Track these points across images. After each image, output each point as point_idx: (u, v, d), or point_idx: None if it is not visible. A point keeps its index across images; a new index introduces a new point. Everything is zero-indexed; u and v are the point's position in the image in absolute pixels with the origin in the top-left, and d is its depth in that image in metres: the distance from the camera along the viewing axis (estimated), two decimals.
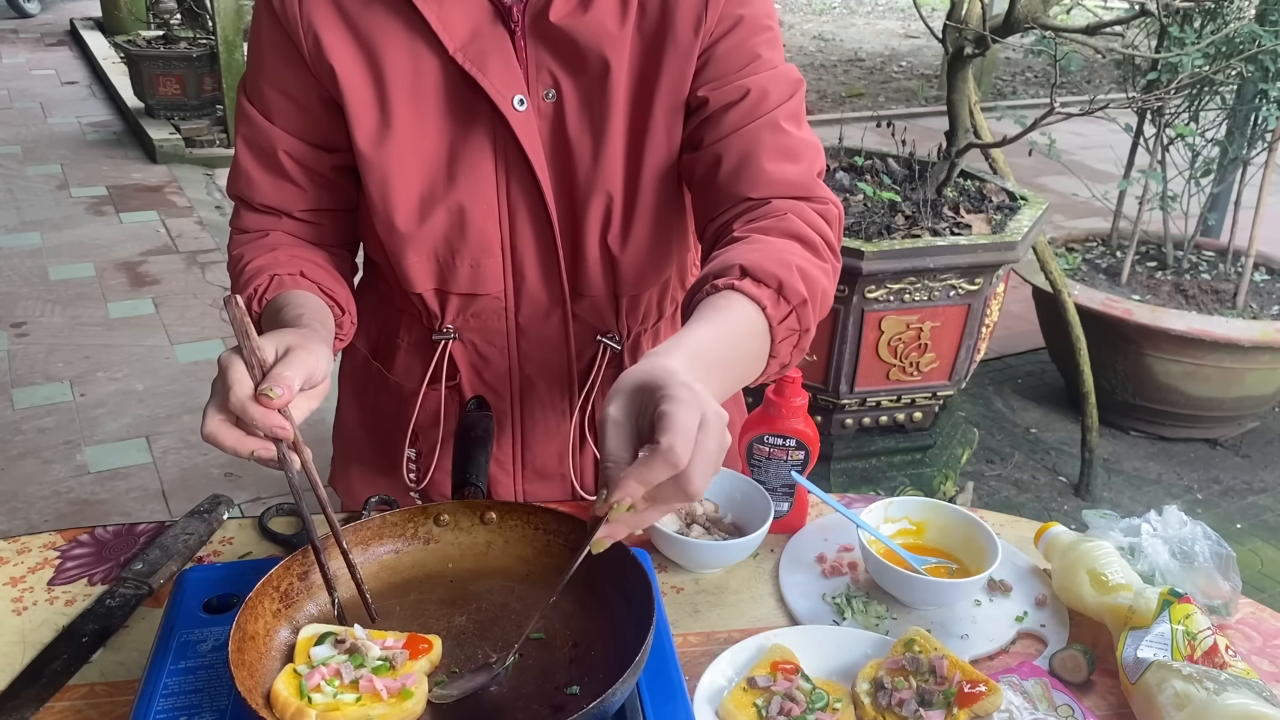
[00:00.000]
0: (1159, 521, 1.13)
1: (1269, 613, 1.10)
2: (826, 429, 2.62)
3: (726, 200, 1.04)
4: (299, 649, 0.83)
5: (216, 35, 6.02)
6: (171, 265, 4.62)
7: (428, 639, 0.85)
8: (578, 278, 1.12)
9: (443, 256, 1.09)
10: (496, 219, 1.08)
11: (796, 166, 1.04)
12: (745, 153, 1.02)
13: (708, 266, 0.96)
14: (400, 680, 0.80)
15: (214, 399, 0.83)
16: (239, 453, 0.82)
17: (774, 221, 1.00)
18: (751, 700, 0.91)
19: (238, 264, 1.10)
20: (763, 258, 0.93)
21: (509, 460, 1.22)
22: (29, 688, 0.91)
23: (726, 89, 1.03)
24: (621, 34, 1.02)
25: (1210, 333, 3.27)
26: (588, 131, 1.05)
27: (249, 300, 1.03)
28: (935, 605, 1.07)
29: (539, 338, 1.15)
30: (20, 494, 2.98)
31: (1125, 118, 3.54)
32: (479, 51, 1.01)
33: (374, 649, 0.82)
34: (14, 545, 1.11)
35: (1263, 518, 3.22)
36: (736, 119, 1.03)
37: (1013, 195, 2.83)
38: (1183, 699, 0.89)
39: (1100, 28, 2.73)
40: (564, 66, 1.03)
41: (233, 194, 1.14)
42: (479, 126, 1.04)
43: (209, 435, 0.82)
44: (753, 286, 0.91)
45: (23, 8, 10.09)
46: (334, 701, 0.78)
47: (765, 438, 1.16)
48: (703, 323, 0.87)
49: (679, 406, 0.71)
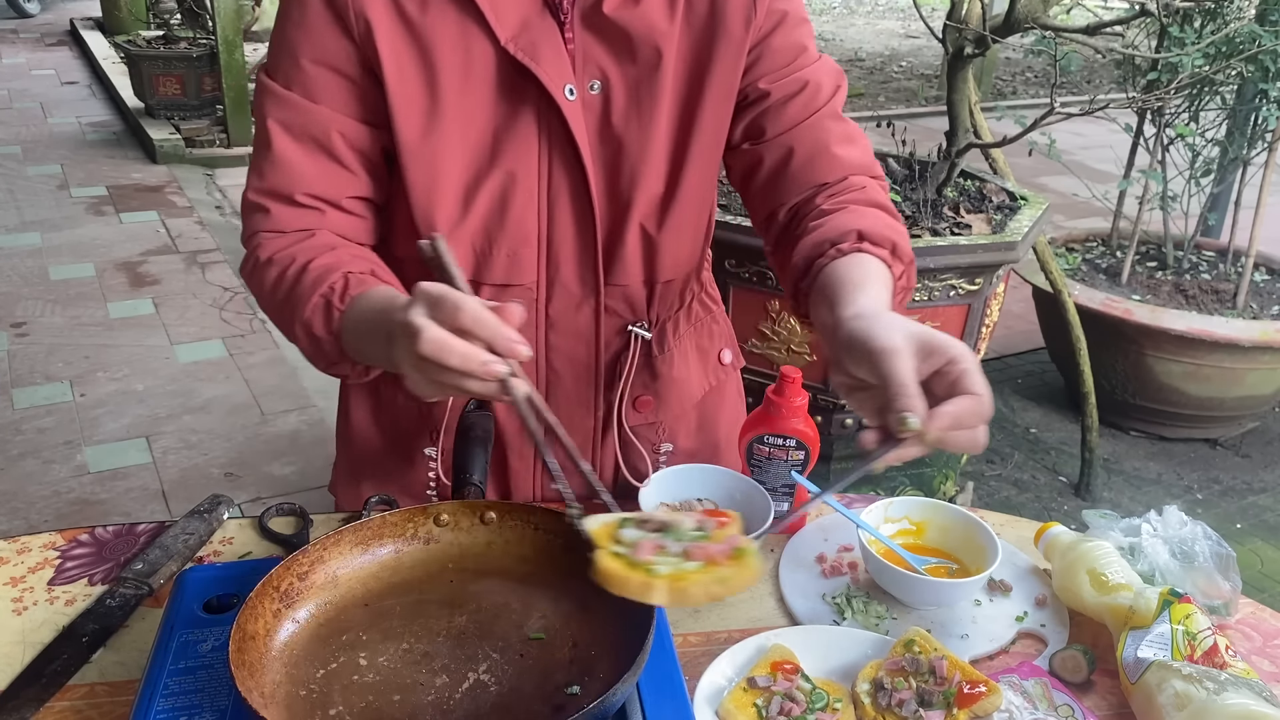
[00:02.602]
0: (1159, 521, 1.13)
1: (1269, 613, 1.10)
2: (826, 429, 2.62)
3: (802, 186, 1.10)
4: (600, 537, 0.78)
5: (216, 35, 6.02)
6: (171, 265, 4.62)
7: (725, 513, 0.81)
8: (613, 267, 1.13)
9: (480, 246, 1.09)
10: (536, 209, 1.08)
11: (859, 149, 1.12)
12: (817, 142, 1.10)
13: (819, 233, 1.02)
14: (726, 544, 0.76)
15: (422, 314, 0.79)
16: (467, 366, 0.78)
17: (857, 194, 1.07)
18: (751, 700, 0.91)
19: (290, 268, 1.01)
20: (873, 223, 1.00)
21: (529, 455, 1.21)
22: (29, 688, 0.91)
23: (785, 81, 1.09)
24: (671, 27, 1.05)
25: (1210, 333, 3.27)
26: (635, 122, 1.07)
27: (326, 301, 0.97)
28: (935, 605, 1.07)
29: (568, 329, 1.15)
30: (20, 494, 2.98)
31: (1125, 118, 3.54)
32: (530, 42, 1.02)
33: (687, 520, 0.78)
34: (14, 545, 1.11)
35: (1263, 518, 3.22)
36: (798, 110, 1.09)
37: (1013, 195, 2.83)
38: (1183, 699, 0.89)
39: (1100, 28, 2.73)
40: (613, 58, 1.05)
41: (265, 190, 1.05)
42: (526, 116, 1.04)
43: (436, 345, 0.77)
44: (873, 248, 0.98)
45: (23, 8, 10.09)
46: (679, 571, 0.74)
47: (765, 438, 1.16)
48: (871, 283, 0.93)
49: (978, 373, 0.80)
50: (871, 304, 0.88)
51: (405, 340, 0.80)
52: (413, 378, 0.83)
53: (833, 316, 0.89)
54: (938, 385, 0.80)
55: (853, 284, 0.93)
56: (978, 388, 0.79)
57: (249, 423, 3.37)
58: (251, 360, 3.79)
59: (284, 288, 1.01)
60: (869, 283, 0.93)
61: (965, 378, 0.79)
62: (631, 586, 0.74)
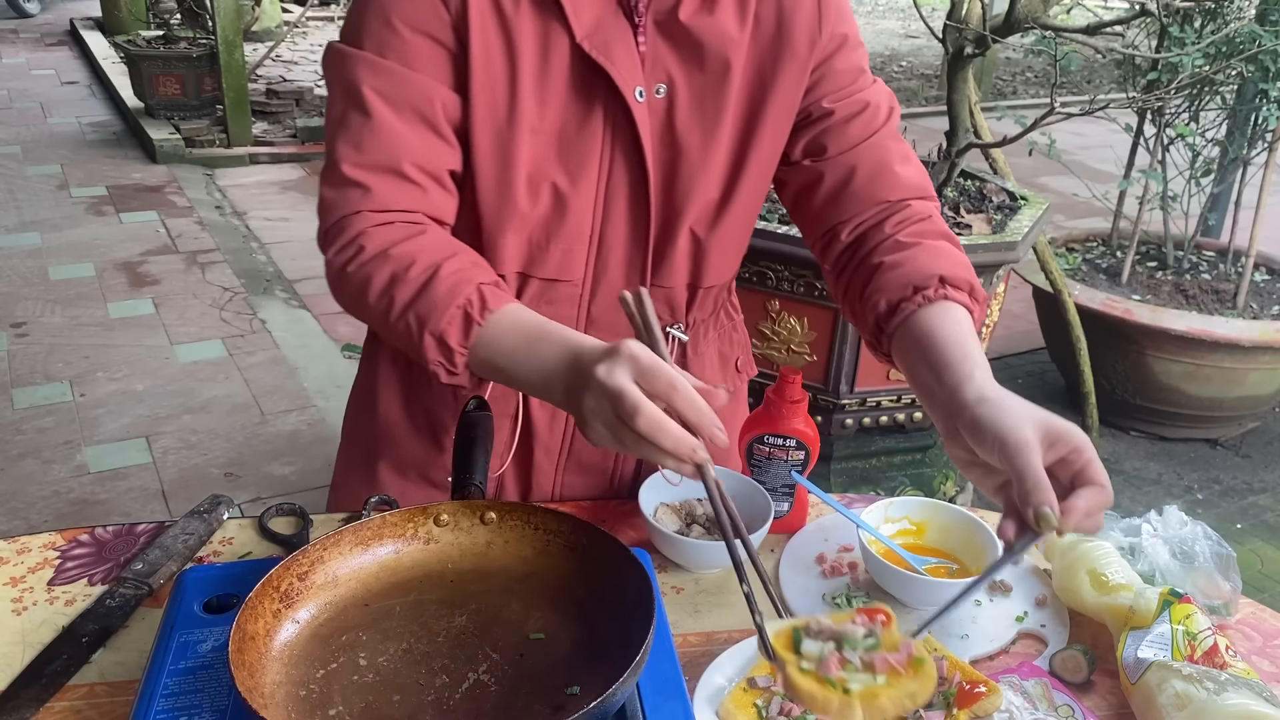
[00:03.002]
0: (1159, 521, 1.13)
1: (1269, 613, 1.10)
2: (826, 429, 2.62)
3: (864, 204, 1.11)
4: (780, 647, 0.78)
5: (216, 35, 6.02)
6: (171, 265, 4.62)
7: (880, 608, 0.82)
8: (660, 269, 1.14)
9: (537, 239, 1.09)
10: (593, 206, 1.09)
11: (915, 169, 1.14)
12: (878, 160, 1.12)
13: (899, 273, 1.03)
14: (903, 652, 0.77)
15: (630, 381, 0.80)
16: (679, 450, 0.80)
17: (926, 224, 1.09)
18: (751, 700, 0.91)
19: (411, 269, 0.98)
20: (950, 264, 1.03)
21: (556, 449, 1.21)
22: (29, 688, 0.91)
23: (848, 101, 1.12)
24: (740, 38, 1.06)
25: (1210, 333, 3.27)
26: (697, 128, 1.08)
27: (465, 314, 0.95)
28: (935, 605, 1.07)
29: (609, 326, 1.16)
30: (20, 494, 2.98)
31: (1125, 118, 3.54)
32: (604, 41, 1.02)
33: (858, 629, 0.79)
34: (14, 545, 1.11)
35: (1263, 518, 3.22)
36: (860, 129, 1.12)
37: (1013, 195, 2.83)
38: (1183, 699, 0.89)
39: (1100, 28, 2.73)
40: (682, 63, 1.06)
41: (366, 164, 1.00)
42: (594, 115, 1.05)
43: (652, 427, 0.79)
44: (955, 293, 1.01)
45: (23, 8, 10.09)
46: (871, 688, 0.75)
47: (765, 438, 1.16)
48: (971, 345, 0.96)
49: (1099, 462, 0.84)
50: (989, 384, 0.90)
51: (608, 403, 0.81)
52: (599, 432, 0.84)
53: (943, 388, 0.92)
54: (1061, 472, 0.84)
55: (953, 345, 0.95)
56: (1102, 479, 0.83)
57: (249, 423, 3.37)
58: (251, 360, 3.79)
59: (407, 290, 0.97)
60: (968, 343, 0.96)
61: (1090, 468, 0.83)
62: (832, 707, 0.75)
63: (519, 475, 1.22)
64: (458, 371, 0.97)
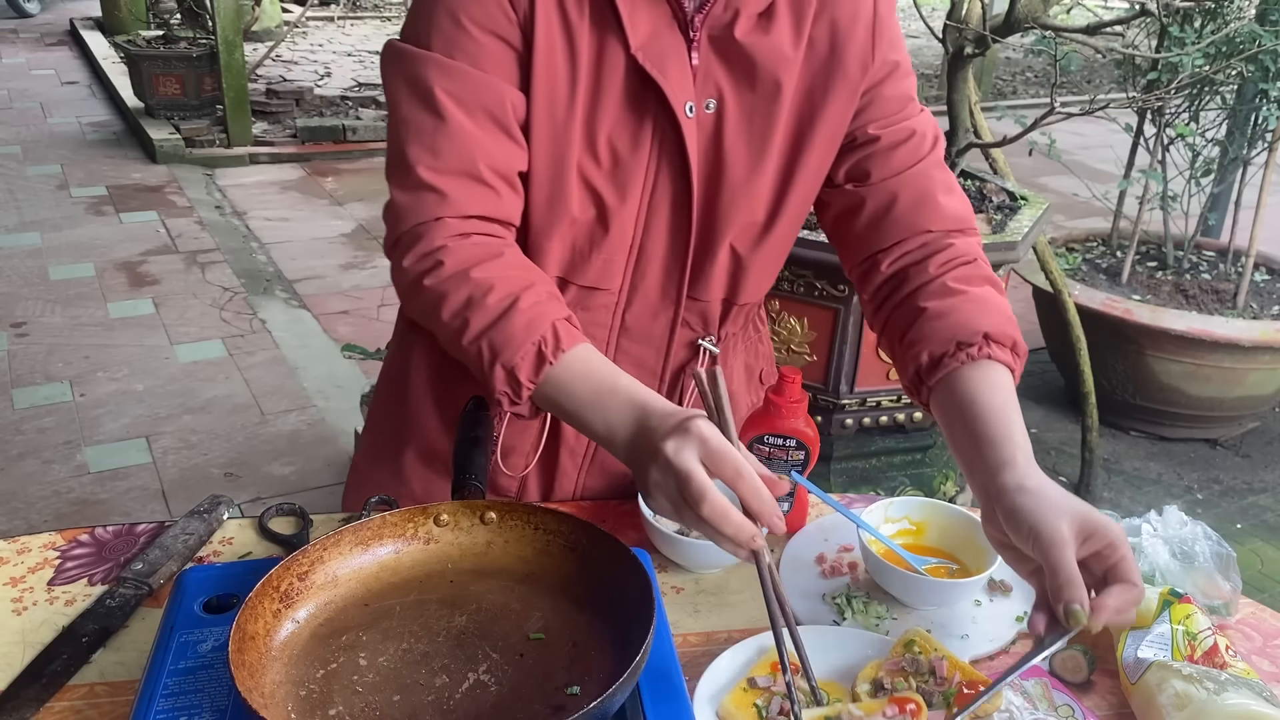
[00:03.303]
0: (1159, 521, 1.13)
1: (1269, 613, 1.10)
2: (826, 429, 2.62)
3: (904, 231, 1.11)
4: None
5: (216, 35, 6.03)
6: (171, 265, 4.62)
7: (910, 697, 0.88)
8: (697, 283, 1.14)
9: (580, 246, 1.10)
10: (635, 217, 1.09)
11: (959, 199, 1.14)
12: (922, 189, 1.12)
13: (944, 326, 1.03)
14: None
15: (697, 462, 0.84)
16: (739, 537, 0.84)
17: (971, 269, 1.09)
18: (751, 700, 0.91)
19: (489, 296, 0.98)
20: (995, 319, 1.03)
21: (581, 452, 1.22)
22: (29, 688, 0.91)
23: (895, 128, 1.12)
24: (793, 58, 1.06)
25: (1210, 333, 3.27)
26: (743, 145, 1.08)
27: (539, 351, 0.96)
28: (935, 605, 1.07)
29: (642, 335, 1.16)
30: (20, 494, 2.98)
31: (1125, 118, 3.54)
32: (658, 54, 1.02)
33: None
34: (14, 545, 1.11)
35: (1263, 518, 3.22)
36: (905, 157, 1.12)
37: (1013, 195, 2.83)
38: (1183, 699, 0.89)
39: (1100, 28, 2.73)
40: (734, 81, 1.06)
41: (441, 168, 1.00)
42: (644, 127, 1.05)
43: (716, 514, 0.83)
44: (999, 351, 1.01)
45: (23, 8, 10.09)
46: None
47: (765, 438, 1.16)
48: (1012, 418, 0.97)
49: (1133, 559, 0.86)
50: (1029, 471, 0.91)
51: (674, 481, 0.85)
52: (661, 504, 0.89)
53: (984, 467, 0.94)
54: (1095, 565, 0.86)
55: (997, 419, 0.96)
56: (1134, 577, 0.85)
57: (249, 423, 3.37)
58: (251, 360, 3.79)
59: (483, 318, 0.98)
60: (1010, 417, 0.96)
61: (1123, 565, 0.85)
62: None
63: (542, 476, 1.23)
64: (521, 403, 0.99)
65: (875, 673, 0.94)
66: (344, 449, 3.22)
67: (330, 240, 5.06)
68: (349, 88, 7.64)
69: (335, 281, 4.49)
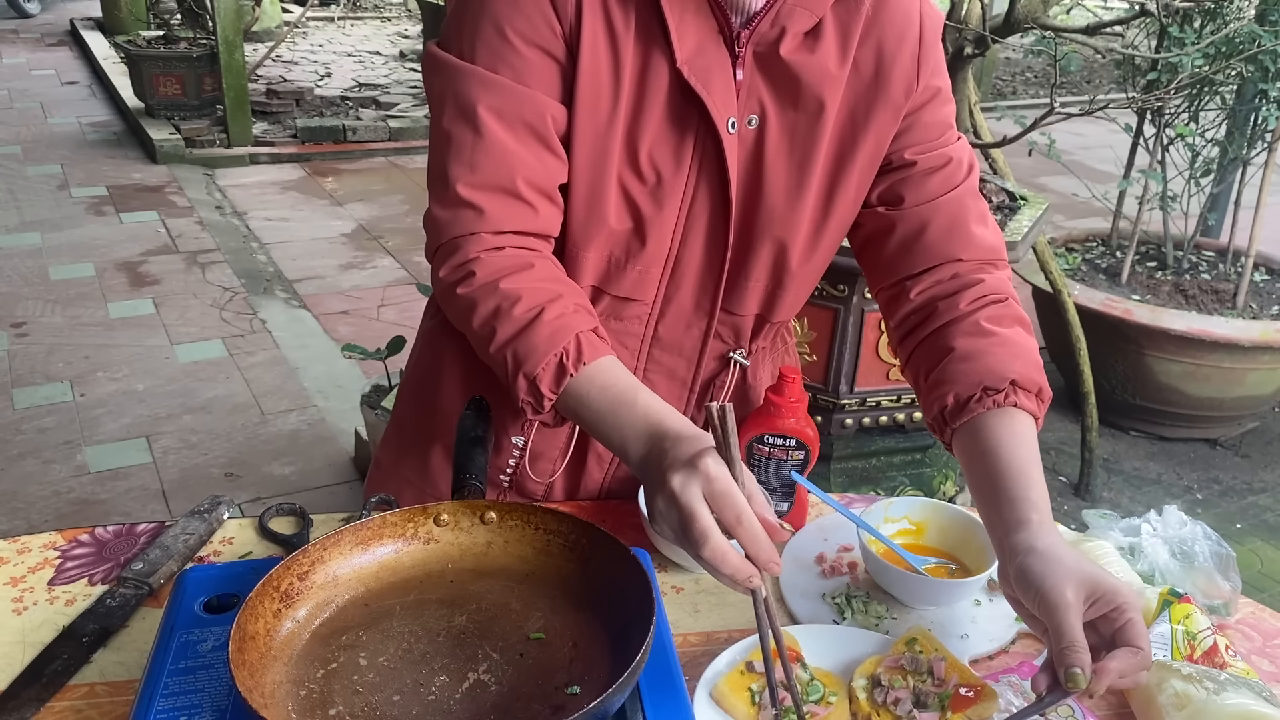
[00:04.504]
0: (1159, 521, 1.13)
1: (1269, 613, 1.11)
2: (826, 429, 2.62)
3: (935, 258, 1.11)
4: None
5: (216, 35, 6.02)
6: (171, 265, 4.62)
7: None
8: (732, 298, 1.14)
9: (616, 257, 1.10)
10: (673, 231, 1.09)
11: (991, 230, 1.14)
12: (955, 217, 1.11)
13: (973, 369, 1.03)
14: None
15: (701, 501, 0.85)
16: (737, 577, 0.84)
17: (1003, 309, 1.08)
18: (746, 684, 0.92)
19: (515, 307, 0.99)
20: (1023, 364, 1.04)
21: (608, 456, 1.22)
22: (29, 688, 0.91)
23: (932, 155, 1.11)
24: (838, 78, 1.05)
25: (1210, 333, 3.27)
26: (784, 164, 1.07)
27: (560, 363, 0.97)
28: (935, 605, 1.07)
29: (673, 346, 1.17)
30: (20, 494, 2.98)
31: (1125, 118, 3.54)
32: (703, 68, 1.02)
33: None
34: (14, 545, 1.11)
35: (1263, 518, 3.22)
36: (940, 184, 1.11)
37: (1013, 195, 2.83)
38: (1183, 699, 0.89)
39: (1100, 28, 2.73)
40: (777, 98, 1.05)
41: (479, 184, 1.00)
42: (686, 141, 1.05)
43: (716, 555, 0.84)
44: (1025, 399, 1.02)
45: (23, 8, 10.09)
46: None
47: (765, 438, 1.16)
48: (1030, 467, 0.97)
49: (1141, 623, 0.86)
50: (1042, 532, 0.91)
51: (678, 516, 0.86)
52: (665, 532, 0.90)
53: (1000, 523, 0.94)
54: (1103, 627, 0.86)
55: (1017, 474, 0.96)
56: (1141, 641, 0.84)
57: (249, 423, 3.37)
58: (251, 360, 3.79)
59: (509, 328, 0.99)
60: (1031, 474, 0.96)
61: (1129, 629, 0.85)
62: None
63: (569, 480, 1.23)
64: (544, 412, 1.00)
65: (874, 668, 0.94)
66: (344, 449, 3.22)
67: (330, 240, 5.06)
68: (349, 88, 7.64)
69: (335, 281, 4.50)
